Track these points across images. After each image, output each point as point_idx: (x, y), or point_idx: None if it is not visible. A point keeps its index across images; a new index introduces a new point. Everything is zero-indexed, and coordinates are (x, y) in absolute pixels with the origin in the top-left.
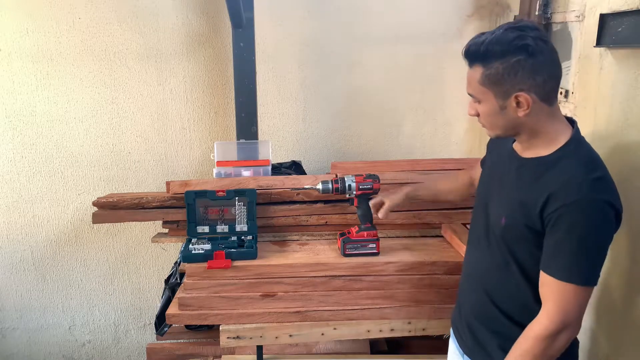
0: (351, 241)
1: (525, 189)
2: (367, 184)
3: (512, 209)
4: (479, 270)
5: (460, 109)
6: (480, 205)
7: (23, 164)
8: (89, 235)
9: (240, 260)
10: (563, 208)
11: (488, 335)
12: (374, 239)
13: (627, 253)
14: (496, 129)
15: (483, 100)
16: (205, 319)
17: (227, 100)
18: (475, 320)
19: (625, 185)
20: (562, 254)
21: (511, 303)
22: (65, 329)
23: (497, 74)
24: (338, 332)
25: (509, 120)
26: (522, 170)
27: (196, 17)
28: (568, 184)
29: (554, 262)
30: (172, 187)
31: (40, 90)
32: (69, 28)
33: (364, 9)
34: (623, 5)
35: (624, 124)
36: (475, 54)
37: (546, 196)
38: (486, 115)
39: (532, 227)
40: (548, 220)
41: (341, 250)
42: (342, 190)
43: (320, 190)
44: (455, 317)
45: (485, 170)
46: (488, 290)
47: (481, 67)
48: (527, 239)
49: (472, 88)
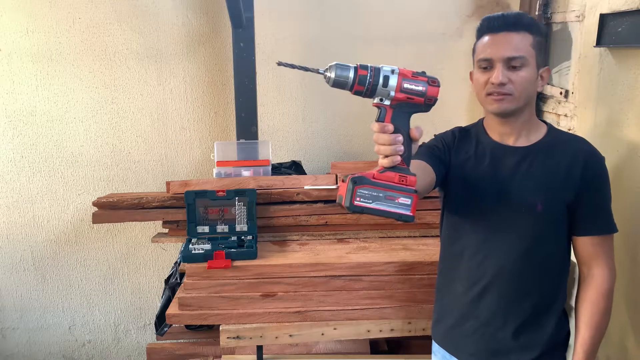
0: (370, 183)
1: (549, 170)
2: (419, 83)
3: (546, 191)
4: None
5: (460, 109)
6: (487, 207)
7: (23, 164)
8: (89, 235)
9: (240, 260)
10: (599, 172)
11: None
12: (409, 190)
13: (627, 253)
14: (524, 98)
15: (529, 65)
16: (205, 319)
17: (227, 100)
18: (491, 326)
19: (625, 185)
20: (602, 212)
21: (544, 289)
22: (65, 329)
23: (541, 43)
24: (338, 332)
25: (534, 92)
26: (532, 158)
27: (196, 17)
28: (593, 152)
29: (598, 222)
30: (172, 187)
31: (40, 90)
32: (69, 28)
33: (364, 9)
34: (623, 5)
35: (623, 124)
36: (524, 21)
37: (582, 163)
38: (525, 82)
39: (568, 202)
40: (588, 185)
41: (346, 199)
42: (373, 89)
43: (331, 81)
44: (450, 333)
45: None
46: (511, 287)
47: (529, 34)
48: (563, 213)
49: (523, 51)
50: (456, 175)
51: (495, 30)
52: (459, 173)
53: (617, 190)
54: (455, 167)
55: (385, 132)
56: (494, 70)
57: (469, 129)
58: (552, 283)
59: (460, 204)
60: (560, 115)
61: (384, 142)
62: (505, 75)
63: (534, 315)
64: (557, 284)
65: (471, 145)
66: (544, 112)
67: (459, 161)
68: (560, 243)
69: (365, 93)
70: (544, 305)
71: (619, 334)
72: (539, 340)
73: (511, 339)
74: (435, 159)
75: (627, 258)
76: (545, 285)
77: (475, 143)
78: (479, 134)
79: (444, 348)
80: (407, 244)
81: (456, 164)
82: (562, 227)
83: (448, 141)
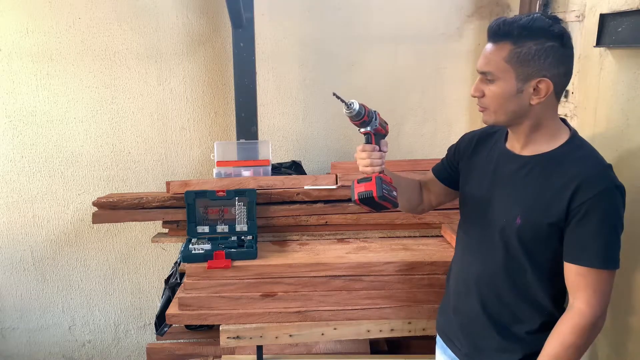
0: (383, 180)
1: (540, 185)
2: (383, 123)
3: (528, 207)
4: (480, 273)
5: (461, 109)
6: (477, 210)
7: (23, 164)
8: (89, 235)
9: (240, 260)
10: (595, 198)
11: (490, 337)
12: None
13: (627, 253)
14: (502, 113)
15: (500, 80)
16: (205, 319)
17: (227, 100)
18: (475, 324)
19: (625, 185)
20: (596, 243)
21: (520, 302)
22: (65, 329)
23: (528, 53)
24: (338, 332)
25: (520, 106)
26: (528, 168)
27: (196, 17)
28: (593, 175)
29: (587, 252)
30: (172, 187)
31: (40, 90)
32: (69, 28)
33: (364, 9)
34: (623, 5)
35: (624, 124)
36: (508, 30)
37: (574, 188)
38: (498, 97)
39: (552, 223)
40: (577, 212)
41: (377, 191)
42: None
43: (355, 111)
44: (445, 324)
45: (473, 173)
46: (491, 293)
47: (511, 45)
48: (545, 234)
49: (492, 65)
50: (462, 180)
51: (488, 37)
52: (465, 177)
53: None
54: (463, 171)
55: (374, 151)
56: None
57: (492, 132)
58: (530, 297)
59: (461, 205)
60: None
61: (376, 157)
62: (478, 88)
63: (511, 322)
64: (538, 299)
65: (486, 149)
66: None
67: (469, 165)
68: (543, 261)
69: (364, 123)
70: (520, 317)
71: (619, 334)
72: (516, 346)
73: (491, 339)
74: (441, 167)
75: (626, 258)
76: (524, 299)
77: (490, 147)
78: (500, 138)
79: (441, 338)
80: (407, 244)
81: (465, 170)
82: (547, 246)
83: (461, 149)
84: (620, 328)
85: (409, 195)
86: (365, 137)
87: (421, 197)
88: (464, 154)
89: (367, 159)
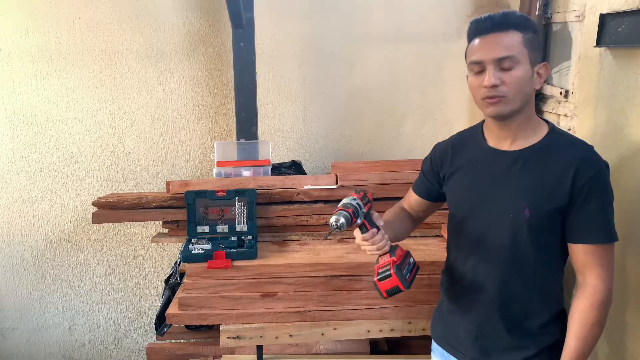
0: (402, 266)
1: (539, 175)
2: (366, 201)
3: (534, 197)
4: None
5: (461, 109)
6: (475, 211)
7: (23, 164)
8: (89, 235)
9: (240, 260)
10: (593, 178)
11: (500, 338)
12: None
13: (626, 254)
14: (519, 99)
15: (521, 64)
16: (205, 319)
17: (227, 100)
18: (484, 327)
19: (624, 184)
20: (599, 220)
21: (531, 295)
22: (65, 329)
23: (534, 40)
24: (338, 332)
25: (531, 90)
26: (523, 161)
27: (196, 17)
28: (588, 157)
29: (593, 230)
30: (172, 187)
31: (40, 90)
32: (69, 28)
33: (364, 9)
34: (623, 5)
35: (624, 124)
36: (511, 20)
37: (574, 171)
38: (520, 81)
39: (557, 208)
40: (579, 193)
41: (402, 284)
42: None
43: (345, 225)
44: (445, 332)
45: (459, 176)
46: (501, 291)
47: (519, 32)
48: (552, 221)
49: (515, 49)
50: (448, 185)
51: (483, 32)
52: (451, 183)
53: (617, 190)
54: (448, 179)
55: (374, 236)
56: (485, 73)
57: (465, 137)
58: (542, 288)
59: (453, 210)
60: (560, 115)
61: (379, 240)
62: (497, 76)
63: (523, 318)
64: (549, 289)
65: (466, 153)
66: (544, 112)
67: (452, 171)
68: (552, 249)
69: (356, 221)
70: (532, 310)
71: (619, 334)
72: (529, 342)
73: (501, 339)
74: (422, 186)
75: (626, 258)
76: (535, 291)
77: (470, 150)
78: (477, 140)
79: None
80: (407, 244)
81: (448, 175)
82: (554, 233)
83: (437, 159)
84: (620, 328)
85: (404, 228)
86: (359, 228)
87: (413, 222)
88: (443, 162)
89: (371, 246)
